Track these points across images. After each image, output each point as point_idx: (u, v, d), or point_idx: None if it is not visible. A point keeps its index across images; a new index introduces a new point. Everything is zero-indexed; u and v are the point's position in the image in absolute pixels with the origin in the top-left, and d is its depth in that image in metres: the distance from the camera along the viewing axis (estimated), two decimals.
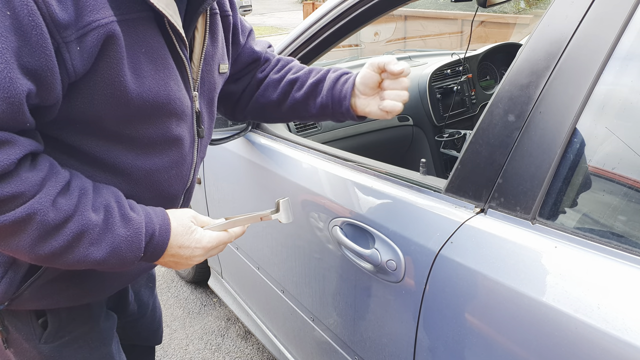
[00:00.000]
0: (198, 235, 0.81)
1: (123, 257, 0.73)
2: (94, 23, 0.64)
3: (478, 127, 0.83)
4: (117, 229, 0.71)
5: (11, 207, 0.62)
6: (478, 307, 0.77)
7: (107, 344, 0.98)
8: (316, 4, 10.74)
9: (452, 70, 2.34)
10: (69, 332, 0.90)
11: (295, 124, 1.83)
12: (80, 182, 0.71)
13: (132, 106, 0.72)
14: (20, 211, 0.62)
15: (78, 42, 0.64)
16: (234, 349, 2.12)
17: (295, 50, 1.36)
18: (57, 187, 0.66)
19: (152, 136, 0.78)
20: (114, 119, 0.73)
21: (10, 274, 0.78)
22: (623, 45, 0.67)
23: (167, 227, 0.78)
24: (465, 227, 0.81)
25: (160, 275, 2.71)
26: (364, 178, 1.06)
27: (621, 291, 0.62)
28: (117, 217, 0.72)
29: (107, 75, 0.68)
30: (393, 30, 6.08)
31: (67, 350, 0.91)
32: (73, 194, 0.68)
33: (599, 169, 0.70)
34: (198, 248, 0.81)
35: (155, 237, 0.76)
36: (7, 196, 0.61)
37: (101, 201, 0.72)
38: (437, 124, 2.26)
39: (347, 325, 1.15)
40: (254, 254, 1.60)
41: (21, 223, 0.63)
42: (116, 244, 0.71)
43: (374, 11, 1.18)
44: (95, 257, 0.70)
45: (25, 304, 0.83)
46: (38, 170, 0.65)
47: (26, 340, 0.88)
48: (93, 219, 0.69)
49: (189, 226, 0.81)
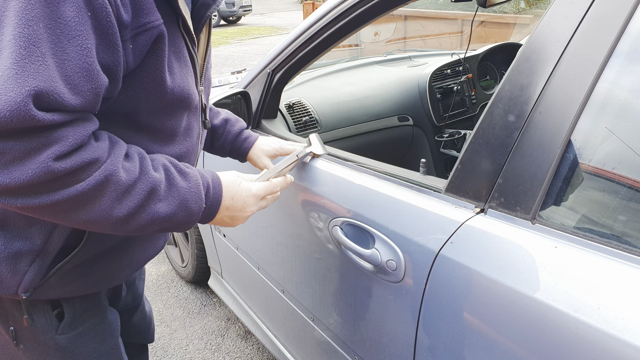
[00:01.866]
0: (247, 185, 0.90)
1: (189, 209, 0.79)
2: (149, 24, 0.72)
3: (478, 127, 0.83)
4: (178, 183, 0.78)
5: (89, 172, 0.67)
6: (478, 307, 0.77)
7: (115, 335, 1.02)
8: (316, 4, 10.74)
9: (452, 70, 2.34)
10: (81, 323, 0.93)
11: (295, 123, 1.83)
12: (136, 148, 0.77)
13: (165, 99, 0.80)
14: (98, 174, 0.68)
15: (132, 41, 0.71)
16: (234, 349, 2.12)
17: (295, 50, 1.36)
18: (121, 152, 0.73)
19: (174, 127, 0.86)
20: (147, 112, 0.80)
21: (38, 261, 0.82)
22: (623, 45, 0.67)
23: (218, 180, 0.86)
24: (465, 227, 0.81)
25: (160, 275, 2.71)
26: (364, 178, 1.07)
27: (621, 291, 0.62)
28: (175, 173, 0.79)
29: (152, 71, 0.75)
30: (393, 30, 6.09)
31: (81, 340, 0.94)
32: (134, 157, 0.75)
33: (599, 169, 0.70)
34: (249, 197, 0.89)
35: (211, 188, 0.84)
36: (87, 162, 0.66)
37: (158, 162, 0.78)
38: (437, 124, 2.26)
39: (347, 325, 1.15)
40: (254, 254, 1.60)
41: (100, 186, 0.68)
42: (182, 196, 0.78)
43: (374, 11, 1.18)
44: (166, 212, 0.76)
45: (47, 293, 0.85)
46: (102, 140, 0.71)
47: (42, 332, 0.89)
48: (157, 177, 0.76)
49: (235, 179, 0.89)
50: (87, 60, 0.64)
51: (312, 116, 1.89)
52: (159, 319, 2.34)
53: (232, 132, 1.20)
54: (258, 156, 1.21)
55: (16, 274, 0.81)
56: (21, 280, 0.81)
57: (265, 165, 1.21)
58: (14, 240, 0.80)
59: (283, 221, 1.35)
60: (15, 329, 0.90)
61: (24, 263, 0.81)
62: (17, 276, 0.81)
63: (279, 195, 0.99)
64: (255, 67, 1.52)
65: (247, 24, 15.31)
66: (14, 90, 0.57)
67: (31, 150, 0.61)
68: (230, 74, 2.43)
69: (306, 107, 1.90)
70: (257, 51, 10.14)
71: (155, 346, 2.14)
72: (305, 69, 1.54)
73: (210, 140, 1.20)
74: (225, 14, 14.73)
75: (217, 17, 14.71)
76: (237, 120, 1.23)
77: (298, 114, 1.86)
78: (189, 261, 2.43)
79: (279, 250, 1.40)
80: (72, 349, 0.93)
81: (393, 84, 2.22)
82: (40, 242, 0.80)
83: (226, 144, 1.20)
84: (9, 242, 0.80)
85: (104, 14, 0.64)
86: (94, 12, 0.64)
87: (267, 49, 9.88)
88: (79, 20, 0.62)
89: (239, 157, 1.23)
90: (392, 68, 2.43)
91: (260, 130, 1.47)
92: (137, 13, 0.71)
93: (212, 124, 1.19)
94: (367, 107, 2.07)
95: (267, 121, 1.54)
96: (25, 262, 0.81)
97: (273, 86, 1.46)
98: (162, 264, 2.82)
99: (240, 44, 11.38)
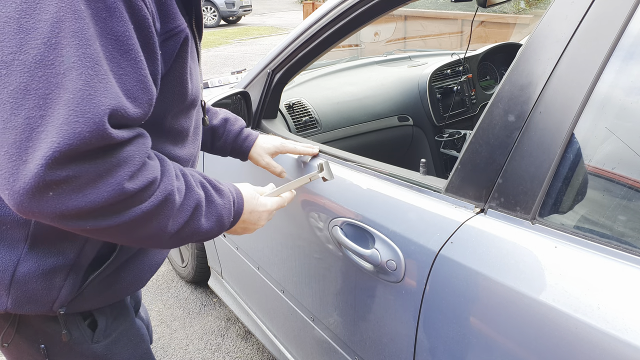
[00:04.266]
0: (263, 200, 0.93)
1: (223, 224, 0.83)
2: (176, 29, 0.74)
3: (478, 127, 0.83)
4: (216, 200, 0.81)
5: (151, 192, 0.68)
6: (478, 307, 0.77)
7: (146, 340, 1.03)
8: (316, 4, 10.74)
9: (452, 70, 2.34)
10: (114, 329, 0.94)
11: (295, 123, 1.83)
12: (177, 165, 0.78)
13: (187, 102, 0.82)
14: (159, 193, 0.69)
15: (161, 47, 0.72)
16: (234, 349, 2.12)
17: (295, 50, 1.36)
18: (172, 170, 0.74)
19: (188, 128, 0.87)
20: (172, 115, 0.81)
21: (72, 275, 0.81)
22: (623, 46, 0.67)
23: (240, 194, 0.88)
24: (465, 227, 0.81)
25: (160, 275, 2.71)
26: (364, 178, 1.07)
27: (621, 291, 0.62)
28: (211, 190, 0.81)
29: (178, 75, 0.77)
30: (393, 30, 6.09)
31: (116, 347, 0.94)
32: (179, 176, 0.76)
33: (599, 169, 0.70)
34: (264, 212, 0.93)
35: (236, 202, 0.86)
36: (150, 180, 0.67)
37: (196, 178, 0.80)
38: (437, 124, 2.26)
39: (347, 325, 1.15)
40: (254, 254, 1.60)
41: (161, 205, 0.70)
42: (219, 212, 0.81)
43: (374, 11, 1.18)
44: (205, 227, 0.79)
45: (81, 305, 0.85)
46: (154, 159, 0.71)
47: (78, 344, 0.88)
48: (200, 194, 0.78)
49: (253, 193, 0.92)
50: (141, 72, 0.65)
51: (312, 116, 1.89)
52: (159, 319, 2.34)
53: (233, 131, 1.20)
54: (260, 154, 1.21)
55: (52, 290, 0.80)
56: (57, 296, 0.80)
57: (267, 164, 1.21)
58: (47, 257, 0.78)
59: (283, 221, 1.35)
60: (46, 346, 0.87)
61: (59, 278, 0.80)
62: (53, 292, 0.80)
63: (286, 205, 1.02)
64: (255, 67, 1.52)
65: (247, 24, 15.31)
66: (92, 112, 0.58)
67: (104, 171, 0.61)
68: (230, 74, 2.43)
69: (306, 107, 1.90)
70: (257, 51, 10.14)
71: (155, 346, 2.14)
72: (305, 69, 1.54)
73: (211, 141, 1.20)
74: (225, 14, 14.72)
75: (217, 17, 14.71)
76: (237, 119, 1.23)
77: (298, 114, 1.86)
78: (189, 261, 2.43)
79: (279, 250, 1.40)
80: (109, 356, 0.92)
81: (393, 84, 2.22)
82: (74, 255, 0.80)
83: (227, 143, 1.20)
84: (42, 259, 0.78)
85: (146, 25, 0.66)
86: (137, 25, 0.65)
87: (267, 49, 9.88)
88: (128, 34, 0.63)
89: (240, 156, 1.23)
90: (392, 68, 2.43)
91: (260, 130, 1.47)
92: (165, 19, 0.72)
93: (212, 124, 1.18)
94: (367, 107, 2.07)
95: (267, 121, 1.54)
96: (60, 277, 0.80)
97: (273, 86, 1.46)
98: (162, 264, 2.82)
99: (240, 44, 11.38)
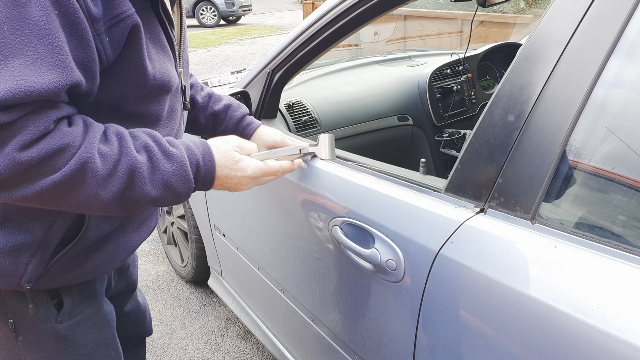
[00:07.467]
0: (243, 165, 0.87)
1: (177, 191, 0.78)
2: (122, 15, 0.72)
3: (478, 127, 0.83)
4: (162, 166, 0.77)
5: (63, 161, 0.67)
6: (478, 307, 0.77)
7: (112, 326, 1.03)
8: (316, 4, 10.73)
9: (452, 70, 2.34)
10: (80, 312, 0.95)
11: (295, 123, 1.83)
12: (115, 129, 0.76)
13: (148, 87, 0.80)
14: (74, 163, 0.67)
15: (107, 34, 0.71)
16: (234, 349, 2.12)
17: (295, 50, 1.36)
18: (96, 137, 0.71)
19: (158, 112, 0.86)
20: (133, 100, 0.81)
21: (40, 253, 0.83)
22: (623, 46, 0.67)
23: (210, 157, 0.83)
24: (465, 227, 0.81)
25: (160, 275, 2.71)
26: (364, 178, 1.07)
27: (621, 291, 0.62)
28: (159, 154, 0.77)
29: (133, 61, 0.76)
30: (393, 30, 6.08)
31: (79, 329, 0.95)
32: (112, 140, 0.73)
33: (599, 168, 0.70)
34: (245, 177, 0.87)
35: (202, 168, 0.82)
36: (56, 149, 0.66)
37: (140, 143, 0.76)
38: (437, 124, 2.26)
39: (347, 325, 1.15)
40: (254, 254, 1.60)
41: (78, 174, 0.68)
42: (166, 179, 0.77)
43: (374, 11, 1.18)
44: (152, 195, 0.76)
45: (49, 282, 0.87)
46: (75, 125, 0.70)
47: (42, 321, 0.91)
48: (139, 159, 0.74)
49: (234, 156, 0.86)
50: (59, 57, 0.64)
51: (312, 116, 1.89)
52: (159, 319, 2.34)
53: (235, 117, 1.20)
54: (258, 145, 1.20)
55: (19, 266, 0.83)
56: (24, 272, 0.83)
57: None
58: (15, 235, 0.81)
59: (283, 221, 1.35)
60: (14, 322, 0.91)
61: (26, 255, 0.83)
62: (19, 268, 0.83)
63: (279, 177, 0.96)
64: (255, 67, 1.52)
65: (247, 24, 15.31)
66: None
67: None
68: (230, 74, 2.43)
69: (306, 107, 1.90)
70: (257, 51, 10.14)
71: (155, 346, 2.14)
72: (305, 69, 1.54)
73: (213, 127, 1.20)
74: (225, 14, 14.72)
75: (217, 17, 14.71)
76: (240, 107, 1.22)
77: (298, 114, 1.87)
78: (189, 261, 2.43)
79: (279, 250, 1.40)
80: (71, 337, 0.94)
81: (393, 84, 2.22)
82: (42, 234, 0.82)
83: (228, 129, 1.20)
84: (10, 237, 0.81)
85: (71, 11, 0.65)
86: (61, 11, 0.64)
87: (267, 49, 9.88)
88: (46, 19, 0.63)
89: None
90: (392, 68, 2.43)
91: None
92: (108, 5, 0.71)
93: (215, 110, 1.19)
94: (367, 107, 2.07)
95: (267, 121, 1.54)
96: (27, 254, 0.83)
97: (273, 86, 1.46)
98: (162, 264, 2.82)
99: (240, 44, 11.38)
